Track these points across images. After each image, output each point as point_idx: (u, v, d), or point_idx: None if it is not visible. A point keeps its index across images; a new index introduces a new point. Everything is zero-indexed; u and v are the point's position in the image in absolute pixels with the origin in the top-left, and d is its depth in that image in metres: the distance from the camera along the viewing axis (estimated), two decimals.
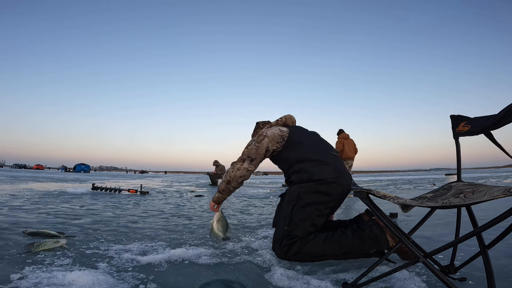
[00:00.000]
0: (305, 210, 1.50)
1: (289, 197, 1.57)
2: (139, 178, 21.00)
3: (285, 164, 1.70)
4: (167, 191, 7.11)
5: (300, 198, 1.53)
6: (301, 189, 1.54)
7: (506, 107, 1.01)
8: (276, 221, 1.59)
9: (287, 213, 1.52)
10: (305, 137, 1.74)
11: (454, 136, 1.26)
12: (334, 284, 1.16)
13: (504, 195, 0.80)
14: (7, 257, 1.43)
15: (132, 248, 1.66)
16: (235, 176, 1.66)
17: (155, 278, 1.20)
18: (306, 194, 1.52)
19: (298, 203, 1.52)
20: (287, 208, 1.54)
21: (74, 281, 1.12)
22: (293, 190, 1.57)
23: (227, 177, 1.69)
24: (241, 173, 1.66)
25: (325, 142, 1.79)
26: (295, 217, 1.49)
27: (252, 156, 1.68)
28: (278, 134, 1.70)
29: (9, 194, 4.79)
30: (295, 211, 1.51)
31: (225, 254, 1.58)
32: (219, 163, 10.84)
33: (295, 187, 1.57)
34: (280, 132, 1.71)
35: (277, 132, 1.71)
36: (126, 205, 3.87)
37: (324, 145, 1.74)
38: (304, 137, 1.73)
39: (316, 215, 1.50)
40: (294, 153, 1.65)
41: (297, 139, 1.71)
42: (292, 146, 1.68)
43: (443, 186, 1.21)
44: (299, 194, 1.54)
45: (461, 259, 1.36)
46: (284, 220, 1.51)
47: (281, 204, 1.62)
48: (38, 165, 68.90)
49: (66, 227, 2.27)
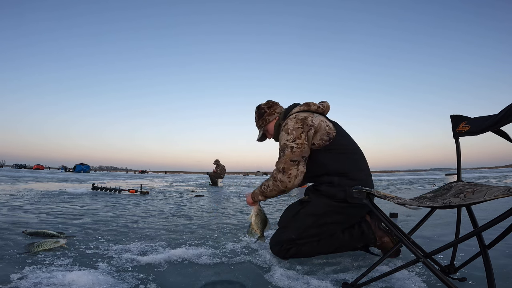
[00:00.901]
0: (321, 228, 1.42)
1: (313, 209, 1.42)
2: (139, 178, 20.99)
3: (318, 168, 1.44)
4: (167, 191, 7.11)
5: (324, 215, 1.40)
6: (330, 207, 1.39)
7: (506, 107, 1.00)
8: (285, 224, 1.49)
9: (304, 225, 1.42)
10: (353, 147, 1.50)
11: (454, 136, 1.26)
12: (334, 284, 1.15)
13: (504, 195, 0.80)
14: (7, 257, 1.43)
15: (132, 248, 1.65)
16: (294, 185, 1.42)
17: (155, 278, 1.20)
18: (332, 213, 1.40)
19: (319, 220, 1.40)
20: (306, 220, 1.41)
21: (74, 281, 1.12)
22: (321, 204, 1.41)
23: (280, 186, 1.42)
24: (300, 179, 1.42)
25: (364, 157, 1.55)
26: (309, 232, 1.42)
27: (305, 155, 1.41)
28: (325, 128, 1.42)
29: (9, 194, 4.79)
30: (311, 227, 1.41)
31: (225, 254, 1.57)
32: (220, 162, 10.83)
33: (325, 201, 1.41)
34: (328, 127, 1.43)
35: (324, 125, 1.43)
36: (126, 205, 3.87)
37: (365, 162, 1.53)
38: (352, 146, 1.50)
39: (327, 233, 1.44)
40: (338, 163, 1.41)
41: (344, 147, 1.45)
42: (335, 152, 1.42)
43: (443, 186, 1.21)
44: (325, 212, 1.40)
45: (461, 259, 1.35)
46: (296, 230, 1.42)
47: (300, 211, 1.46)
48: (38, 165, 68.94)
49: (66, 227, 2.27)
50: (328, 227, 1.43)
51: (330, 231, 1.45)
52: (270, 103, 1.69)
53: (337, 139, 1.43)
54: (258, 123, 1.72)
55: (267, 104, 1.69)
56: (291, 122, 1.44)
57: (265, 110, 1.67)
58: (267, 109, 1.67)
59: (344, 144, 1.46)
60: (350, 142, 1.51)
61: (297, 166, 1.40)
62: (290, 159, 1.39)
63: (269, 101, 1.71)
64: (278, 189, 1.45)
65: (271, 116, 1.67)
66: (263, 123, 1.69)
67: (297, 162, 1.40)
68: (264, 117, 1.67)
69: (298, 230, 1.42)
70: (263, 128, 1.71)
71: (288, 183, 1.41)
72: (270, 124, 1.68)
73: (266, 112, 1.67)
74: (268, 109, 1.67)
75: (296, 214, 1.47)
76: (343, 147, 1.44)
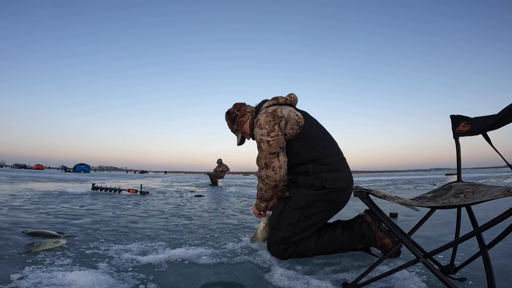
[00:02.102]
0: (310, 219, 1.44)
1: (297, 204, 1.45)
2: (139, 178, 20.99)
3: (293, 158, 1.48)
4: (167, 191, 7.11)
5: (308, 206, 1.43)
6: (310, 197, 1.43)
7: (506, 107, 1.01)
8: (276, 225, 1.52)
9: (292, 220, 1.44)
10: (321, 132, 1.54)
11: (454, 136, 1.26)
12: (334, 284, 1.15)
13: (504, 195, 0.80)
14: (7, 257, 1.43)
15: (132, 248, 1.65)
16: (282, 176, 1.43)
17: (155, 278, 1.20)
18: (314, 202, 1.43)
19: (305, 212, 1.43)
20: (293, 215, 1.44)
21: (74, 281, 1.12)
22: (301, 196, 1.45)
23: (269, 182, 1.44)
24: (285, 168, 1.43)
25: (335, 141, 1.60)
26: (300, 226, 1.44)
27: (283, 145, 1.44)
28: (294, 118, 1.46)
29: (9, 194, 4.79)
30: (300, 220, 1.43)
31: (225, 254, 1.57)
32: (222, 162, 10.81)
33: (305, 193, 1.44)
34: (297, 117, 1.47)
35: (293, 115, 1.47)
36: (126, 205, 3.87)
37: (336, 146, 1.57)
38: (320, 132, 1.53)
39: (319, 223, 1.47)
40: (309, 150, 1.45)
41: (314, 133, 1.49)
42: (306, 140, 1.46)
43: (443, 186, 1.21)
44: (308, 202, 1.43)
45: (461, 259, 1.36)
46: (287, 227, 1.45)
47: (284, 208, 1.49)
48: (38, 165, 68.93)
49: (66, 227, 2.27)
50: (316, 217, 1.45)
51: (321, 220, 1.47)
52: (238, 105, 1.70)
53: (306, 126, 1.48)
54: (234, 128, 1.72)
55: (236, 107, 1.71)
56: (262, 117, 1.48)
57: (235, 113, 1.68)
58: (237, 111, 1.68)
59: (313, 131, 1.50)
60: (318, 128, 1.56)
61: (277, 157, 1.43)
62: (269, 153, 1.43)
63: (237, 104, 1.72)
64: (270, 186, 1.47)
65: (244, 117, 1.68)
66: (238, 127, 1.70)
67: (276, 153, 1.43)
68: (238, 120, 1.68)
69: (289, 226, 1.45)
70: (240, 132, 1.72)
71: (275, 176, 1.43)
72: (245, 125, 1.69)
73: (238, 114, 1.68)
74: (238, 111, 1.68)
75: (281, 211, 1.50)
76: (313, 134, 1.48)
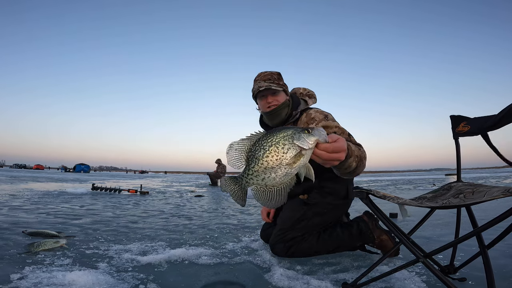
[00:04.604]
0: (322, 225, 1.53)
1: (319, 209, 1.51)
2: (139, 178, 20.99)
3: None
4: (167, 191, 7.11)
5: (328, 213, 1.51)
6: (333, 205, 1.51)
7: (506, 107, 1.01)
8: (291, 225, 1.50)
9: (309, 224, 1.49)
10: None
11: (454, 137, 1.26)
12: (334, 284, 1.16)
13: (504, 195, 0.80)
14: (7, 257, 1.42)
15: (132, 248, 1.65)
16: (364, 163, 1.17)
17: (155, 278, 1.20)
18: (333, 210, 1.51)
19: (324, 218, 1.51)
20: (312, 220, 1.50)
21: (74, 281, 1.12)
22: (325, 204, 1.50)
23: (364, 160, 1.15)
24: None
25: None
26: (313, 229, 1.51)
27: None
28: None
29: (9, 194, 4.78)
30: (317, 225, 1.51)
31: (225, 254, 1.58)
32: (221, 162, 10.79)
33: (329, 200, 1.51)
34: None
35: None
36: (126, 205, 3.87)
37: None
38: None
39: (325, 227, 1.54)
40: None
41: None
42: None
43: (443, 186, 1.21)
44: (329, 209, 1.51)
45: (461, 259, 1.35)
46: (302, 229, 1.49)
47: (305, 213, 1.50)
48: (38, 165, 68.96)
49: (66, 227, 2.27)
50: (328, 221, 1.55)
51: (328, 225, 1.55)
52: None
53: None
54: (280, 83, 1.53)
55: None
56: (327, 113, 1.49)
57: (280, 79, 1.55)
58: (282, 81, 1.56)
59: None
60: None
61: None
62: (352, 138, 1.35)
63: None
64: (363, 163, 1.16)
65: (287, 89, 1.57)
66: (284, 87, 1.54)
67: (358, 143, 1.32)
68: (285, 83, 1.56)
69: (304, 228, 1.50)
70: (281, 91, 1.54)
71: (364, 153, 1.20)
72: (282, 95, 1.54)
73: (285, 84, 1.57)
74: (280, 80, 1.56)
75: (302, 215, 1.51)
76: None
